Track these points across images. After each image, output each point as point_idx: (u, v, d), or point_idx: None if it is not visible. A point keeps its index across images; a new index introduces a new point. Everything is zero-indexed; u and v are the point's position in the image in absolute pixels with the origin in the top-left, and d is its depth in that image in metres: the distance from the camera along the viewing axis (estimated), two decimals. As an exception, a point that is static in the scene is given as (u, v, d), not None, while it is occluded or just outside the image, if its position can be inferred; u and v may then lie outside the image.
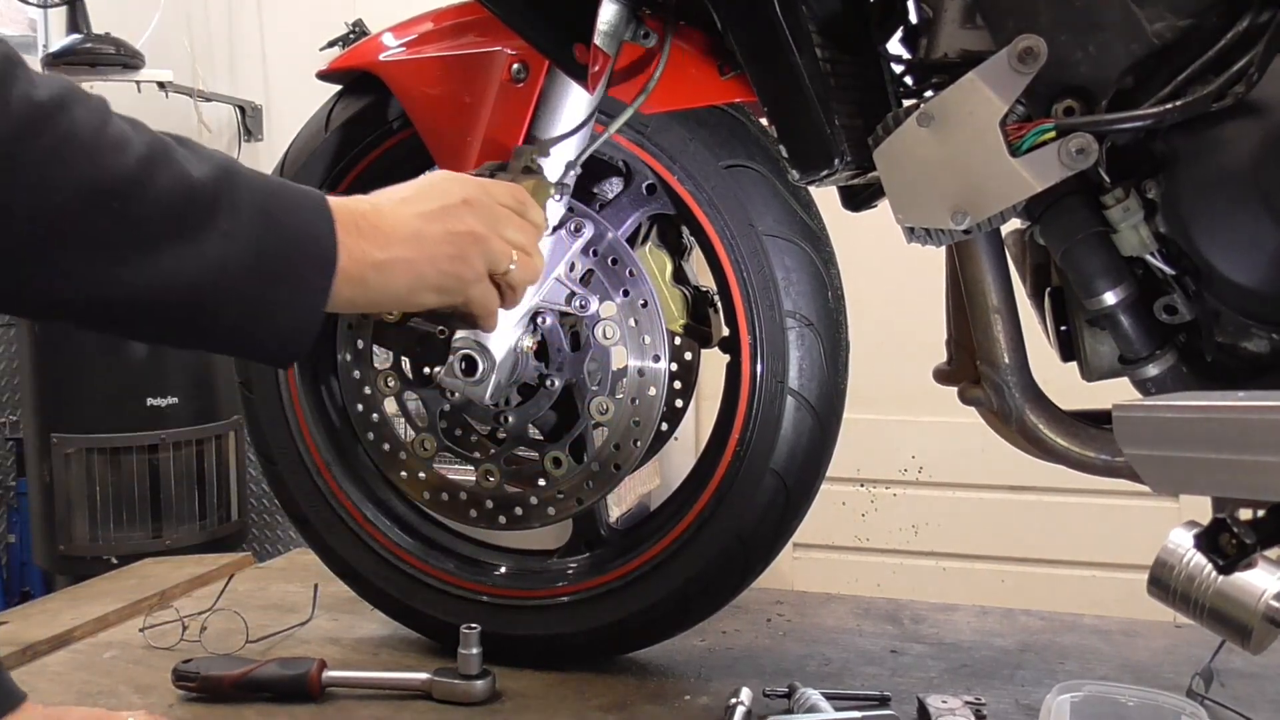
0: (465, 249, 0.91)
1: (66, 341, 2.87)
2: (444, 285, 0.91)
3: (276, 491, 1.46)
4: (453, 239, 0.91)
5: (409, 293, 0.90)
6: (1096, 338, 1.05)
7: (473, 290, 0.93)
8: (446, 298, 0.92)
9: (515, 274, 0.96)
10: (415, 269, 0.89)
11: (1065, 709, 1.04)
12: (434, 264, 0.90)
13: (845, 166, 1.04)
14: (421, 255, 0.89)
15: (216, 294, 0.79)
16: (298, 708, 1.24)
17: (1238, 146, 0.90)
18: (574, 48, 1.13)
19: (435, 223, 0.91)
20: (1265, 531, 0.86)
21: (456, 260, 0.91)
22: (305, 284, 0.83)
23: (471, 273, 0.92)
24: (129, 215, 0.74)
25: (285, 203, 0.83)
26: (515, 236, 0.96)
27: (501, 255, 0.94)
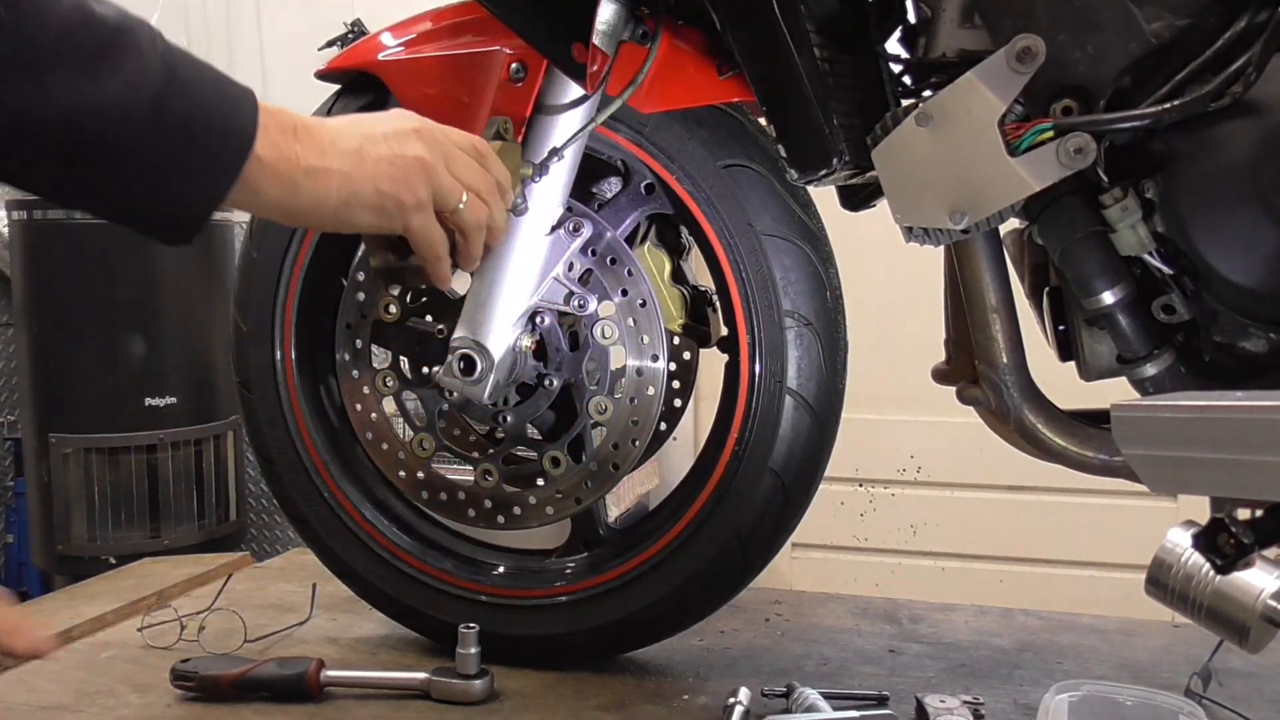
0: (408, 172, 0.88)
1: (65, 341, 2.88)
2: (381, 205, 0.88)
3: (275, 491, 1.46)
4: (396, 161, 0.88)
5: (342, 206, 0.86)
6: (1095, 337, 1.06)
7: (413, 219, 0.90)
8: (384, 220, 0.88)
9: (465, 214, 0.92)
10: (351, 183, 0.86)
11: (1063, 708, 1.04)
12: (372, 181, 0.87)
13: (844, 166, 1.04)
14: (360, 171, 0.86)
15: (110, 138, 0.74)
16: (296, 707, 1.24)
17: (1236, 146, 0.90)
18: (573, 47, 1.13)
19: (380, 144, 0.88)
20: (1263, 531, 0.86)
21: (397, 182, 0.88)
22: (211, 159, 0.79)
23: (412, 197, 0.89)
24: (21, 30, 0.70)
25: (202, 73, 0.80)
26: (468, 176, 0.93)
27: (450, 189, 0.91)
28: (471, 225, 0.94)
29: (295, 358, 1.41)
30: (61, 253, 2.87)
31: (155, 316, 2.94)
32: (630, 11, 1.13)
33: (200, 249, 3.00)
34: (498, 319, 1.22)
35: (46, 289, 2.90)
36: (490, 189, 0.96)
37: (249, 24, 3.40)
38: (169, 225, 0.81)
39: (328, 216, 0.87)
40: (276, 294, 1.39)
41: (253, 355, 1.41)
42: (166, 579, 1.72)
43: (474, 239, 0.95)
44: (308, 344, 1.42)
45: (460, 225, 0.94)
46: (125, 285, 2.89)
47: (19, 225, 2.88)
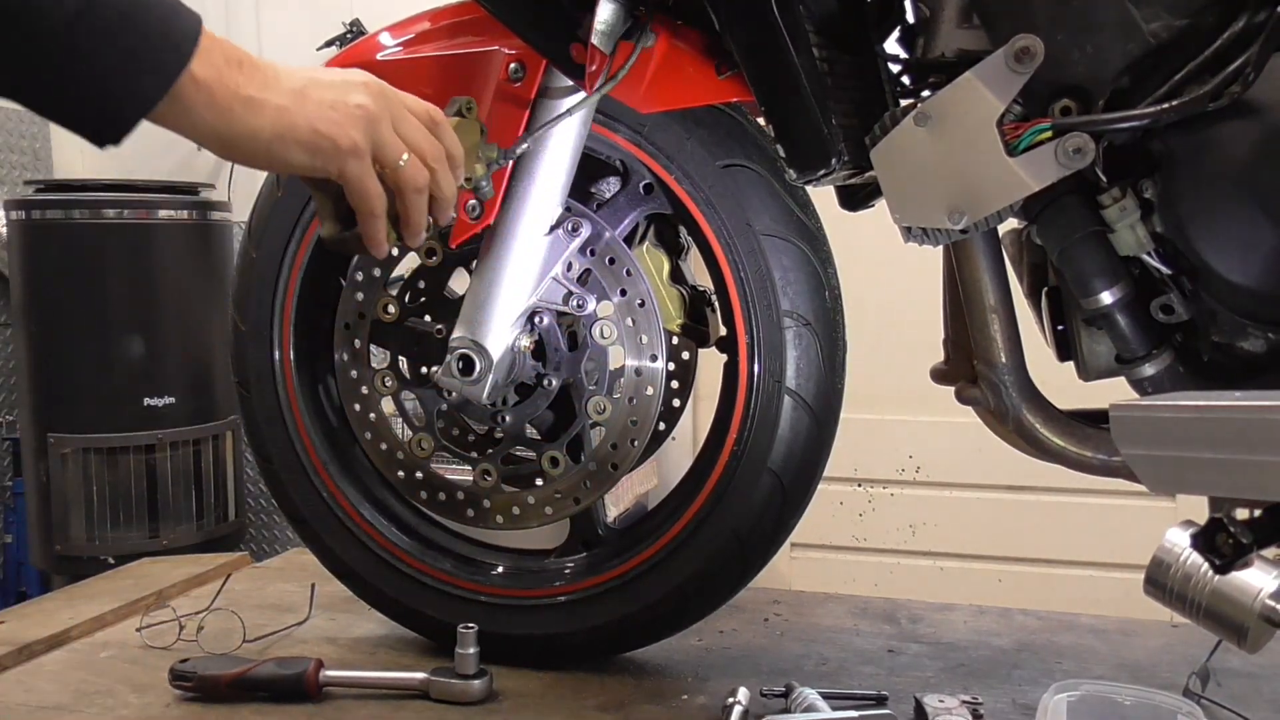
0: (349, 117, 0.88)
1: (64, 341, 2.87)
2: (315, 145, 0.87)
3: (274, 491, 1.46)
4: (337, 105, 0.87)
5: (276, 140, 0.85)
6: (1093, 337, 1.06)
7: (348, 164, 0.88)
8: (317, 160, 0.87)
9: (404, 172, 0.91)
10: (287, 117, 0.85)
11: (1062, 708, 1.04)
12: (309, 120, 0.86)
13: (842, 166, 1.04)
14: (298, 108, 0.86)
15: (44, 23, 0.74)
16: (295, 707, 1.24)
17: (1234, 146, 0.90)
18: (571, 47, 1.13)
19: (326, 89, 0.88)
20: (1262, 531, 0.86)
21: (335, 124, 0.87)
22: (146, 63, 0.79)
23: (348, 140, 0.87)
24: None
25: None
26: (414, 137, 0.92)
27: (391, 144, 0.90)
28: (410, 185, 0.92)
29: (294, 358, 1.41)
30: (60, 253, 2.87)
31: (154, 316, 2.94)
32: (629, 11, 1.13)
33: (199, 249, 3.00)
34: (496, 319, 1.22)
35: (45, 289, 2.90)
36: (437, 156, 0.94)
37: (248, 24, 3.40)
38: (95, 122, 0.80)
39: (260, 150, 0.86)
40: (275, 294, 1.39)
41: (251, 355, 1.41)
42: (165, 579, 1.72)
43: (412, 202, 0.93)
44: (306, 344, 1.42)
45: (399, 184, 0.92)
46: (124, 285, 2.89)
47: (17, 225, 2.87)
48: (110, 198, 2.86)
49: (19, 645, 1.42)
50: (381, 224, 0.93)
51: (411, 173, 0.92)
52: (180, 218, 2.93)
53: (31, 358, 2.93)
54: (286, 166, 0.88)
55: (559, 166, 1.21)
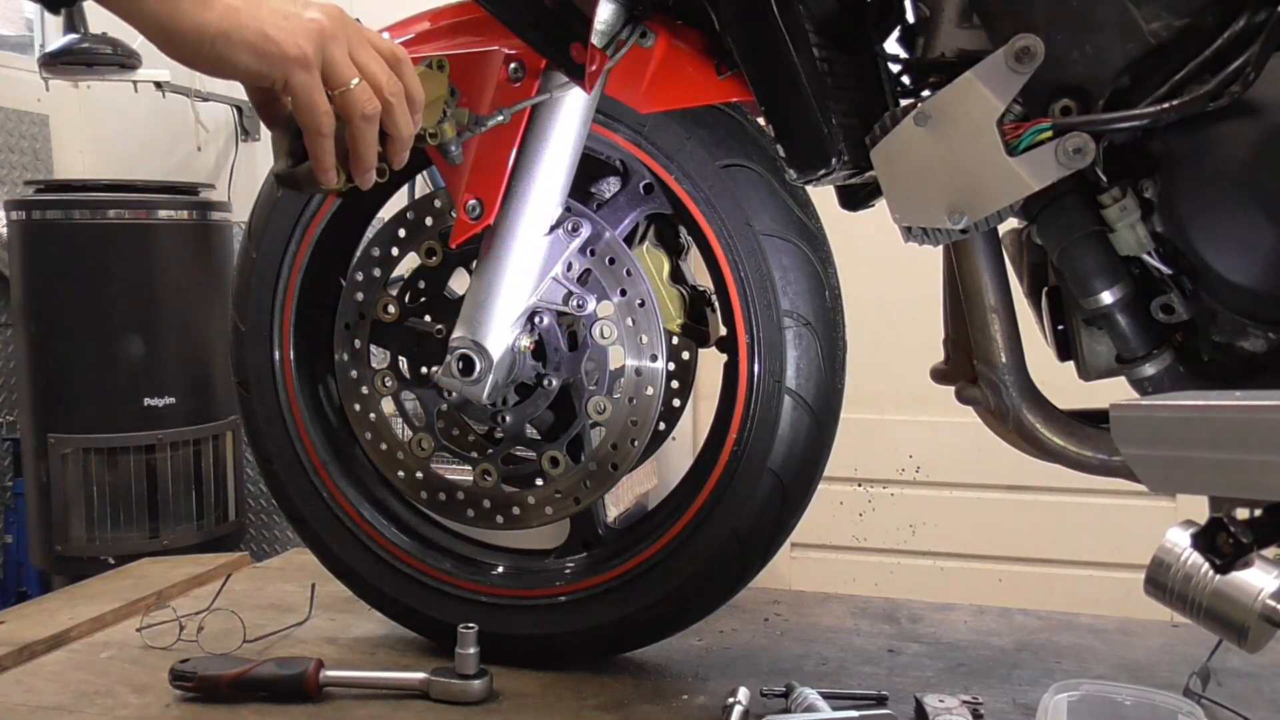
0: (301, 28, 0.86)
1: (64, 342, 2.87)
2: (262, 49, 0.85)
3: (274, 491, 1.46)
4: (290, 15, 0.86)
5: (221, 36, 0.83)
6: (1093, 337, 1.06)
7: (295, 73, 0.86)
8: (262, 64, 0.86)
9: (353, 95, 0.89)
10: (236, 16, 0.84)
11: (1062, 708, 1.04)
12: (259, 22, 0.84)
13: (842, 166, 1.04)
14: (249, 10, 0.84)
15: None
16: (295, 707, 1.24)
17: (1235, 146, 0.90)
18: (571, 47, 1.13)
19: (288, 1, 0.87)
20: (1262, 531, 0.86)
21: (285, 31, 0.85)
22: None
23: (296, 49, 0.86)
24: None
25: None
26: (369, 64, 0.90)
27: (342, 64, 0.88)
28: (357, 110, 0.90)
29: (294, 358, 1.41)
30: (60, 253, 2.87)
31: (154, 317, 2.94)
32: (629, 11, 1.13)
33: (199, 249, 3.00)
34: (496, 319, 1.22)
35: (45, 289, 2.90)
36: (395, 90, 0.92)
37: (248, 24, 3.40)
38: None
39: (205, 46, 0.84)
40: (275, 294, 1.39)
41: (251, 355, 1.41)
42: (165, 579, 1.72)
43: (360, 130, 0.91)
44: (306, 344, 1.42)
45: (346, 107, 0.90)
46: (124, 285, 2.89)
47: (17, 225, 2.87)
48: (110, 198, 2.86)
49: (19, 645, 1.42)
50: (328, 145, 0.90)
51: (360, 97, 0.89)
52: (180, 218, 2.93)
53: (31, 358, 2.93)
54: (231, 68, 0.86)
55: (559, 167, 1.21)
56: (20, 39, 3.64)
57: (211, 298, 2.96)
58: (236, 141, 3.39)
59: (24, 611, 1.61)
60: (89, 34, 3.05)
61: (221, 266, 2.99)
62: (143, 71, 3.10)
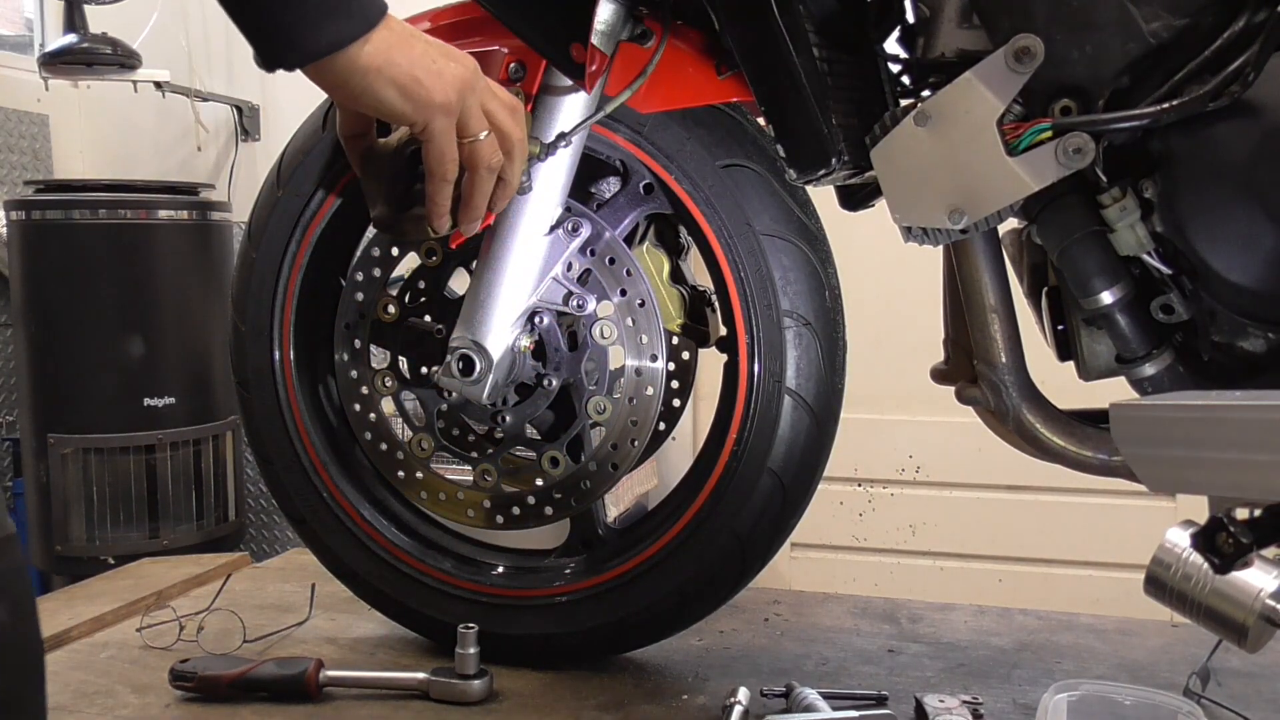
0: (449, 74, 0.89)
1: (64, 342, 2.87)
2: (410, 90, 0.88)
3: (273, 491, 1.46)
4: (440, 59, 0.89)
5: (374, 71, 0.86)
6: (1093, 337, 1.06)
7: (437, 119, 0.90)
8: (408, 106, 0.88)
9: (483, 146, 0.93)
10: (390, 54, 0.86)
11: (1062, 708, 1.04)
12: (411, 62, 0.87)
13: (842, 166, 1.04)
14: (403, 48, 0.87)
15: None
16: (295, 707, 1.24)
17: (1234, 146, 0.90)
18: (571, 47, 1.13)
19: (431, 45, 0.89)
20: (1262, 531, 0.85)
21: (433, 75, 0.88)
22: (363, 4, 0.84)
23: (443, 96, 0.89)
24: None
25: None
26: (499, 116, 0.94)
27: (477, 116, 0.92)
28: (483, 162, 0.93)
29: (294, 358, 1.41)
30: (60, 253, 2.87)
31: (154, 317, 2.93)
32: (629, 11, 1.13)
33: (199, 249, 3.00)
34: (496, 319, 1.22)
35: (45, 289, 2.90)
36: (518, 139, 0.96)
37: (248, 24, 3.40)
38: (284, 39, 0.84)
39: (355, 77, 0.86)
40: (275, 294, 1.39)
41: (251, 355, 1.41)
42: (165, 579, 1.72)
43: (482, 181, 0.94)
44: (306, 344, 1.42)
45: (474, 158, 0.93)
46: (123, 285, 2.89)
47: (17, 225, 2.87)
48: (110, 198, 2.86)
49: (19, 645, 1.41)
50: (449, 191, 0.93)
51: (488, 150, 0.93)
52: (180, 218, 2.92)
53: (31, 358, 2.92)
54: (376, 103, 0.88)
55: (559, 166, 1.21)
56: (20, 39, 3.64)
57: (211, 298, 2.96)
58: (236, 141, 3.38)
59: (24, 611, 1.60)
60: (89, 34, 3.05)
61: (221, 266, 2.99)
62: (143, 71, 3.09)
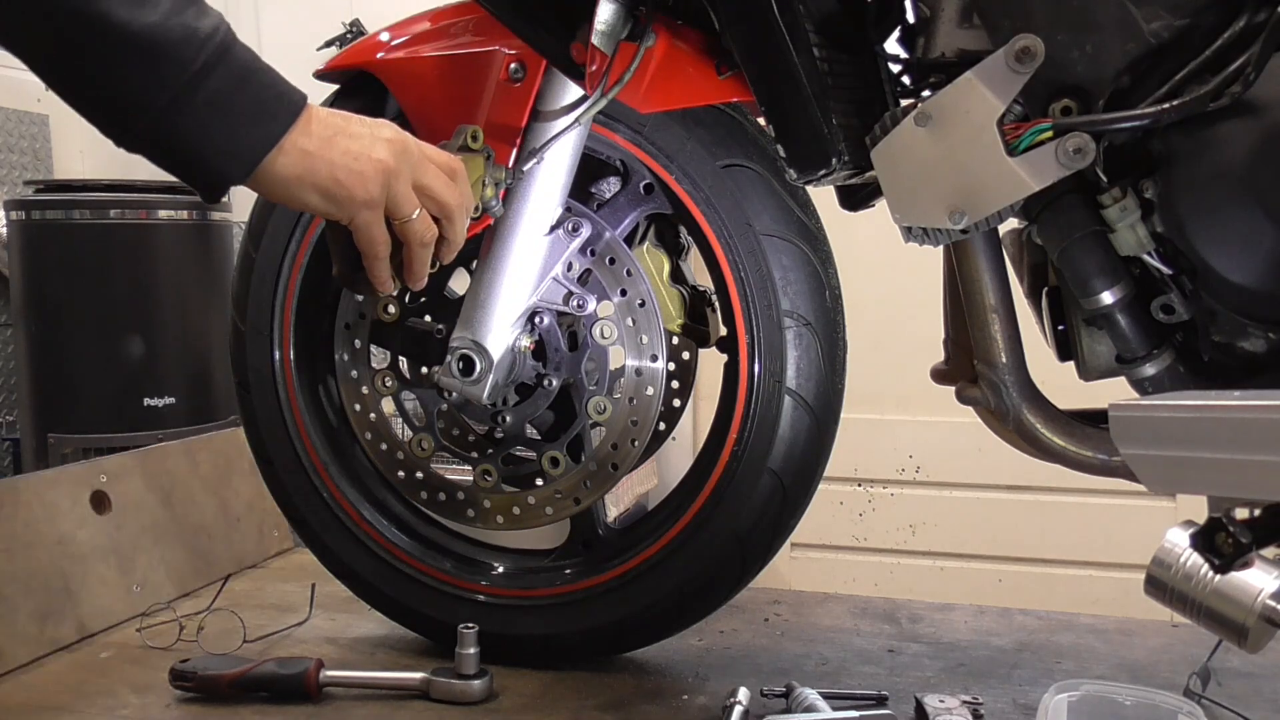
0: (367, 170, 0.92)
1: (64, 342, 2.87)
2: (332, 193, 0.92)
3: (274, 492, 1.46)
4: (360, 157, 0.92)
5: (295, 181, 0.90)
6: (1094, 337, 1.05)
7: (360, 214, 0.94)
8: (331, 207, 0.93)
9: (413, 226, 0.96)
10: (310, 161, 0.90)
11: (1062, 708, 1.05)
12: (330, 167, 0.91)
13: (843, 166, 1.04)
14: (323, 154, 0.91)
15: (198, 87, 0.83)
16: (295, 707, 1.24)
17: (1235, 146, 0.90)
18: (571, 47, 1.13)
19: (352, 140, 0.92)
20: (1262, 531, 0.85)
21: (353, 175, 0.92)
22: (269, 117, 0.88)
23: (363, 193, 0.92)
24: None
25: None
26: (435, 187, 0.97)
27: (405, 200, 0.95)
28: (416, 239, 0.97)
29: (294, 358, 1.41)
30: (60, 253, 2.87)
31: (154, 317, 2.93)
32: (629, 11, 1.13)
33: (199, 249, 3.00)
34: (496, 319, 1.22)
35: (45, 289, 2.90)
36: (455, 205, 0.99)
37: (248, 24, 3.40)
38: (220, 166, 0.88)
39: (278, 187, 0.91)
40: (275, 294, 1.39)
41: (252, 355, 1.41)
42: (165, 579, 1.71)
43: (416, 254, 0.99)
44: (307, 344, 1.42)
45: (406, 236, 0.97)
46: (124, 285, 2.88)
47: (17, 225, 2.87)
48: (110, 198, 2.86)
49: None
50: (384, 267, 0.98)
51: (420, 228, 0.97)
52: (180, 218, 2.92)
53: (31, 358, 2.92)
54: (303, 206, 0.93)
55: (559, 166, 1.21)
56: (20, 39, 3.64)
57: (211, 298, 2.95)
58: (236, 141, 3.38)
59: (24, 611, 1.60)
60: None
61: (221, 266, 2.99)
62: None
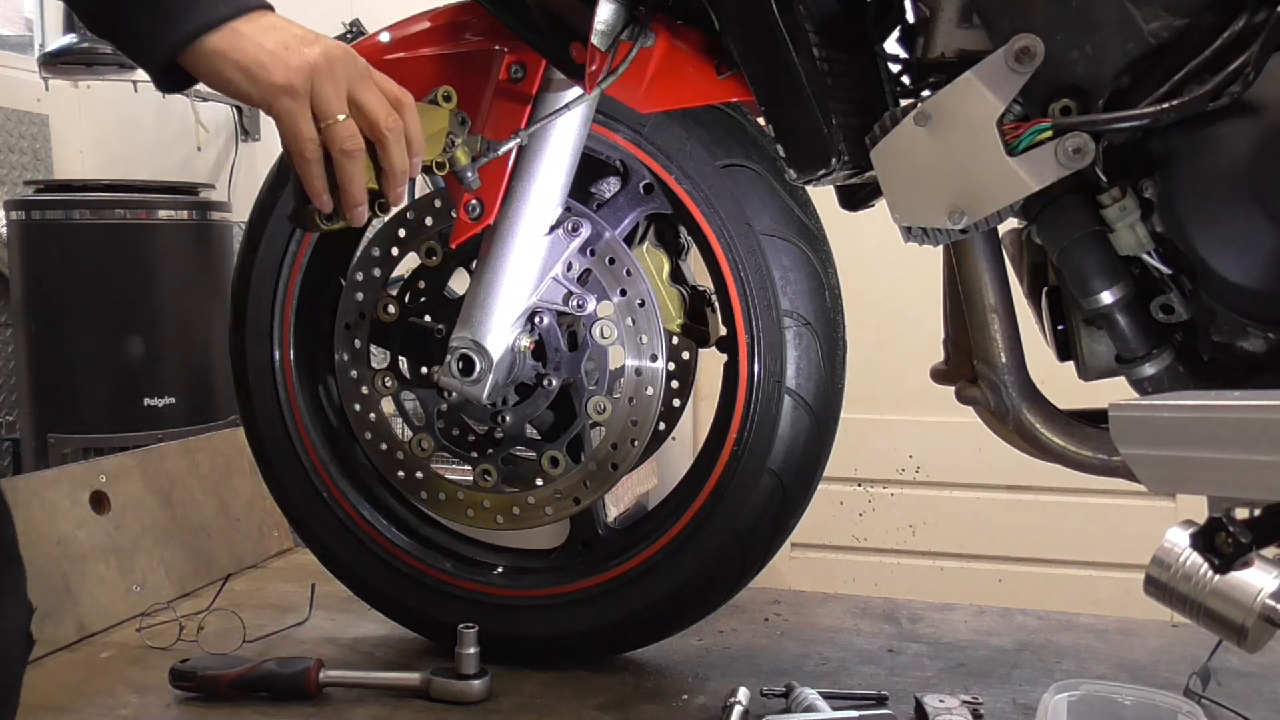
0: (294, 59, 0.90)
1: (64, 342, 2.87)
2: (252, 72, 0.90)
3: (274, 492, 1.46)
4: (290, 47, 0.90)
5: (219, 54, 0.89)
6: (1093, 337, 1.06)
7: (279, 100, 0.91)
8: (249, 87, 0.90)
9: (336, 129, 0.92)
10: (238, 39, 0.89)
11: (1062, 708, 1.05)
12: (256, 49, 0.89)
13: (842, 166, 1.04)
14: (252, 36, 0.89)
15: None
16: (295, 707, 1.24)
17: (1234, 146, 0.90)
18: (571, 47, 1.13)
19: (288, 34, 0.91)
20: (1261, 531, 0.85)
21: (277, 59, 0.89)
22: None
23: (283, 78, 0.90)
24: None
25: None
26: (368, 101, 0.94)
27: (329, 100, 0.92)
28: (338, 144, 0.93)
29: (294, 358, 1.41)
30: (60, 253, 2.86)
31: (154, 317, 2.93)
32: (629, 11, 1.13)
33: (199, 249, 3.00)
34: (496, 319, 1.22)
35: (45, 289, 2.90)
36: (390, 124, 0.95)
37: (248, 24, 3.40)
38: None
39: (203, 61, 0.90)
40: (275, 294, 1.39)
41: (252, 355, 1.41)
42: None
43: (342, 165, 0.94)
44: (306, 344, 1.42)
45: (329, 140, 0.93)
46: (124, 285, 2.88)
47: (17, 225, 2.87)
48: (110, 198, 2.86)
49: (19, 645, 1.41)
50: (315, 170, 0.94)
51: (343, 132, 0.93)
52: (180, 218, 2.92)
53: (31, 358, 2.92)
54: (224, 85, 0.91)
55: (559, 167, 1.21)
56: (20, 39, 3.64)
57: (211, 298, 2.95)
58: (236, 141, 3.38)
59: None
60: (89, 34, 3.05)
61: (221, 266, 2.98)
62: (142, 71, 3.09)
